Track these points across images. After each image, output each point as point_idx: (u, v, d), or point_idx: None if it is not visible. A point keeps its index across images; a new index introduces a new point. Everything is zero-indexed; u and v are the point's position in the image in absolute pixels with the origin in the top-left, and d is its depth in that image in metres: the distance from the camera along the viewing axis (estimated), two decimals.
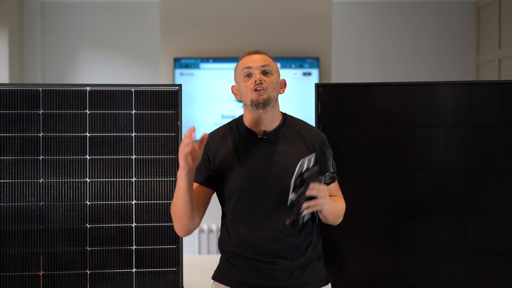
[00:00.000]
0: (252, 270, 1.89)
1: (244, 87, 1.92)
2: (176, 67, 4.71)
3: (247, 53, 1.98)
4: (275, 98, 1.95)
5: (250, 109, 1.93)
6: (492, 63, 5.36)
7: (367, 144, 2.36)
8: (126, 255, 2.33)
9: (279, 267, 1.87)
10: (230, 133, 1.98)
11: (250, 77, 1.92)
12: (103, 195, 2.33)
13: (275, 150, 1.92)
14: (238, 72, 1.96)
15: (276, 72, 1.96)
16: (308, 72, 4.73)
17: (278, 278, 1.87)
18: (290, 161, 1.89)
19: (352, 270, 2.36)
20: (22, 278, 2.29)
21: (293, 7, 4.76)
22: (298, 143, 1.95)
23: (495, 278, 2.31)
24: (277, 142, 1.94)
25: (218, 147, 1.95)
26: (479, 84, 2.35)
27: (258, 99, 1.89)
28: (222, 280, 1.95)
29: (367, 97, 2.37)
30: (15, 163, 2.30)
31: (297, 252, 1.90)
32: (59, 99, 2.32)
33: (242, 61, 1.96)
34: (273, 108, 1.94)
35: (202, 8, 4.76)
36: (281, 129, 1.97)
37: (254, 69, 1.91)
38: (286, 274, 1.88)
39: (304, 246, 1.92)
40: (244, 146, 1.94)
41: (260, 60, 1.93)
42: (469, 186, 2.32)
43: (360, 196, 2.36)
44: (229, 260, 1.94)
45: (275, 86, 1.94)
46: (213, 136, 1.99)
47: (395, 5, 5.69)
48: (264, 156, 1.92)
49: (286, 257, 1.88)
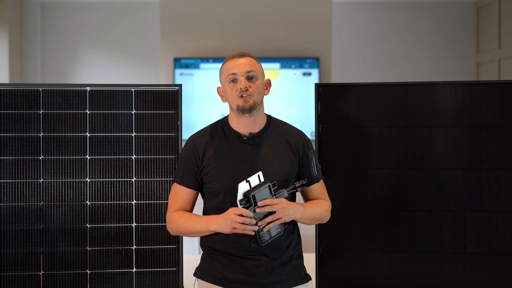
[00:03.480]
0: (234, 266, 1.95)
1: (230, 92, 1.96)
2: (176, 67, 4.71)
3: (231, 56, 1.99)
4: (260, 102, 1.99)
5: (235, 113, 1.97)
6: (492, 63, 5.36)
7: (367, 144, 2.36)
8: (126, 255, 2.33)
9: (260, 264, 1.93)
10: (215, 134, 2.02)
11: (235, 83, 1.95)
12: (103, 195, 2.33)
13: (260, 152, 1.97)
14: (224, 76, 1.98)
15: (261, 75, 1.99)
16: (308, 72, 4.73)
17: (259, 274, 1.93)
18: (274, 162, 1.96)
19: (352, 270, 2.36)
20: (22, 278, 2.29)
21: (293, 7, 4.76)
22: (282, 145, 2.00)
23: (495, 278, 2.31)
24: (262, 143, 1.99)
25: (205, 148, 2.00)
26: (479, 84, 2.35)
27: (244, 105, 1.93)
28: (205, 277, 2.01)
29: (367, 97, 2.37)
30: (15, 163, 2.30)
31: (278, 250, 1.96)
32: (59, 99, 2.32)
33: (227, 65, 1.97)
34: (258, 111, 1.98)
35: (202, 8, 4.76)
36: (265, 131, 2.01)
37: (239, 75, 1.94)
38: (268, 270, 1.94)
39: (286, 245, 1.98)
40: (230, 147, 1.98)
41: (245, 65, 1.95)
42: (469, 186, 2.32)
43: (360, 196, 2.36)
44: (212, 257, 1.99)
45: (260, 91, 1.97)
46: (199, 138, 2.03)
47: (395, 5, 5.69)
48: (248, 158, 1.96)
49: (268, 254, 1.94)
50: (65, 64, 5.70)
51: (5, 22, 5.24)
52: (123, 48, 5.69)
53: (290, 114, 4.54)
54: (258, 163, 1.94)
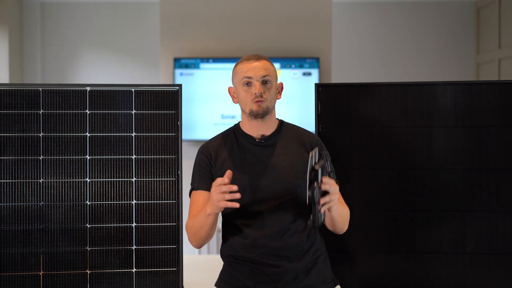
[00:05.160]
0: (255, 274, 1.90)
1: (244, 96, 1.94)
2: (176, 67, 4.71)
3: (246, 58, 1.96)
4: (273, 106, 1.98)
5: (247, 117, 1.96)
6: (492, 63, 5.36)
7: (367, 144, 2.36)
8: (126, 255, 2.33)
9: (283, 270, 1.87)
10: (228, 139, 2.00)
11: (249, 86, 1.93)
12: (103, 195, 2.33)
13: (273, 153, 1.95)
14: (238, 78, 1.96)
15: (275, 78, 1.97)
16: (308, 72, 4.73)
17: (283, 282, 1.87)
18: (288, 163, 1.94)
19: (352, 270, 2.36)
20: (22, 278, 2.29)
21: (293, 7, 4.76)
22: (294, 145, 1.98)
23: (495, 278, 2.31)
24: (275, 145, 1.97)
25: (217, 153, 1.98)
26: (479, 84, 2.35)
27: (257, 110, 1.92)
28: (225, 286, 1.96)
29: (367, 97, 2.37)
30: (15, 163, 2.30)
31: (300, 252, 1.91)
32: (59, 99, 2.32)
33: (242, 68, 1.95)
34: (270, 115, 1.97)
35: (202, 8, 4.76)
36: (278, 133, 2.00)
37: (254, 79, 1.92)
38: (291, 277, 1.88)
39: (307, 246, 1.93)
40: (243, 150, 1.97)
41: (261, 69, 1.92)
42: (469, 186, 2.32)
43: (360, 196, 2.36)
44: (232, 266, 1.95)
45: (274, 96, 1.96)
46: (211, 143, 2.02)
47: (395, 5, 5.69)
48: (262, 159, 1.95)
49: (289, 257, 1.89)
50: (65, 64, 5.69)
51: (5, 22, 5.24)
52: (123, 48, 5.69)
53: (290, 114, 4.54)
54: (270, 164, 1.93)
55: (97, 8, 5.66)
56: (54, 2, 5.64)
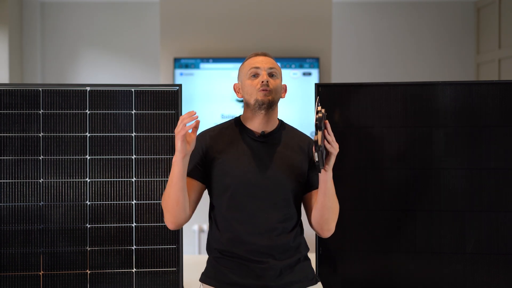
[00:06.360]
0: (241, 270, 1.91)
1: (250, 86, 1.96)
2: (176, 67, 4.71)
3: (254, 54, 2.02)
4: (277, 102, 1.99)
5: (252, 109, 1.96)
6: (492, 63, 5.36)
7: (367, 144, 2.36)
8: (126, 255, 2.33)
9: (268, 267, 1.90)
10: (227, 131, 2.01)
11: (256, 77, 1.96)
12: (103, 195, 2.33)
13: (272, 150, 1.97)
14: (244, 70, 1.99)
15: (280, 76, 2.01)
16: (308, 72, 4.73)
17: (267, 278, 1.90)
18: (285, 163, 1.95)
19: (352, 270, 2.36)
20: (22, 278, 2.29)
21: (293, 7, 4.76)
22: (293, 145, 2.00)
23: (495, 278, 2.31)
24: (274, 142, 1.99)
25: (214, 142, 1.98)
26: (479, 84, 2.35)
27: (263, 99, 1.93)
28: (210, 281, 1.97)
29: (367, 97, 2.37)
30: (15, 163, 2.30)
31: (287, 252, 1.93)
32: (59, 99, 2.32)
33: (249, 61, 2.00)
34: (273, 110, 1.99)
35: (202, 8, 4.76)
36: (278, 131, 2.01)
37: (261, 69, 1.96)
38: (276, 273, 1.90)
39: (294, 246, 1.96)
40: (241, 143, 1.98)
41: (268, 62, 1.98)
42: (469, 186, 2.32)
43: (360, 196, 2.36)
44: (218, 261, 1.96)
45: (278, 90, 1.99)
46: (209, 132, 2.03)
47: (395, 5, 5.69)
48: (260, 154, 1.96)
49: (275, 256, 1.91)
50: (65, 64, 5.69)
51: (5, 22, 5.24)
52: (123, 48, 5.69)
53: (290, 114, 4.54)
54: (267, 161, 1.94)
55: (97, 8, 5.66)
56: (54, 2, 5.64)
